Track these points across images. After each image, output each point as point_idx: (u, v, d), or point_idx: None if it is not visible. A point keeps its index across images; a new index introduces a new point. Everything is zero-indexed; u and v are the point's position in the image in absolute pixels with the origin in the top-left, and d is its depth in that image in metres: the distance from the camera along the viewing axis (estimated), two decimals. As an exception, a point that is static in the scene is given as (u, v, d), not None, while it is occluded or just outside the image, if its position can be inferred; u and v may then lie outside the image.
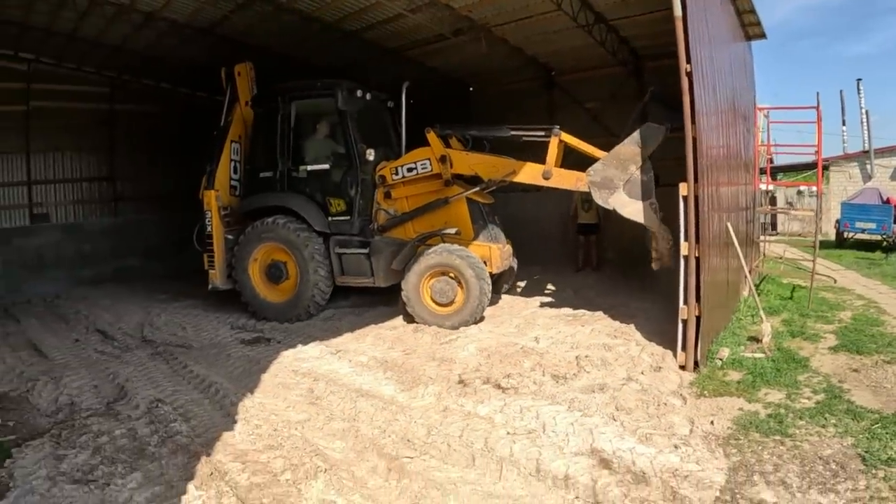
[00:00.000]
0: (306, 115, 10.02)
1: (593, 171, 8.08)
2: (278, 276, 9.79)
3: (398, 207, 9.80)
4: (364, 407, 5.74)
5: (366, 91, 9.97)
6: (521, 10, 10.52)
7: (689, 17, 6.61)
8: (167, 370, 7.25)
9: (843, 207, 20.64)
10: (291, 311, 9.57)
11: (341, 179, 9.69)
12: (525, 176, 8.87)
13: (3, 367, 7.33)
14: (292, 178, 9.92)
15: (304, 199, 9.80)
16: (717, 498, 4.18)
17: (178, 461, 4.69)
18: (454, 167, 9.24)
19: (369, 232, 9.65)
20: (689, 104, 6.62)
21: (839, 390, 6.11)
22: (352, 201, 9.61)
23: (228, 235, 10.15)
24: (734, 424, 5.34)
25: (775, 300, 10.42)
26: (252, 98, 10.71)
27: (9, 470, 4.57)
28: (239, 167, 10.66)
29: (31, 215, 13.72)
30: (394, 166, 9.60)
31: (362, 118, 9.94)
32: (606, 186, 7.99)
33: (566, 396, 5.83)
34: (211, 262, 10.17)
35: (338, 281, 9.66)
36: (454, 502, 4.11)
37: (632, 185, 7.90)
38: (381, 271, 9.31)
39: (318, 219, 9.66)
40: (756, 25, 11.84)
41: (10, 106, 13.05)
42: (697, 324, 6.75)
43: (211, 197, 10.10)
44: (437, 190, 9.49)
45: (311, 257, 9.46)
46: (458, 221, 9.46)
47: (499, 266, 9.36)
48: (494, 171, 9.05)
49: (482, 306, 8.76)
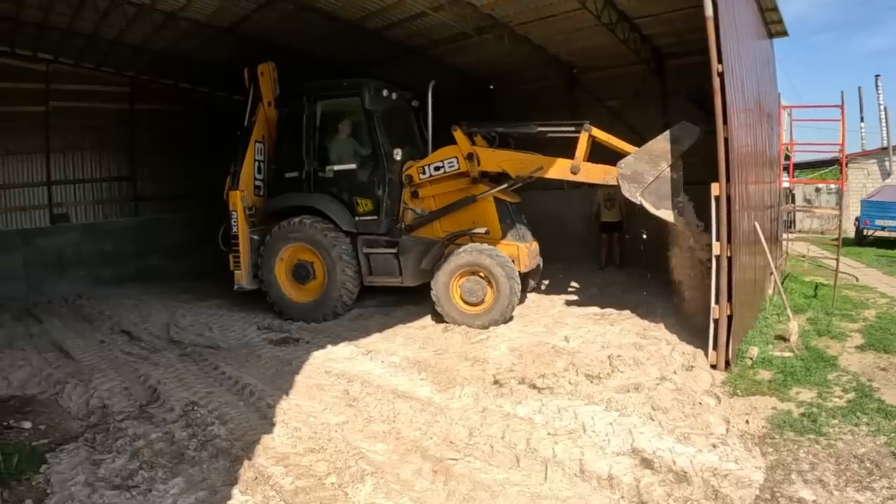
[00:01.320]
0: (332, 115, 10.03)
1: (624, 164, 8.04)
2: (305, 276, 9.81)
3: (425, 206, 9.77)
4: (402, 408, 5.75)
5: (392, 90, 9.99)
6: (544, 8, 10.50)
7: (720, 17, 6.60)
8: (198, 371, 7.26)
9: (863, 205, 20.42)
10: (318, 312, 9.59)
11: (368, 179, 9.71)
12: (553, 171, 8.85)
13: (29, 369, 7.31)
14: (318, 178, 9.93)
15: (330, 198, 9.82)
16: (758, 496, 4.21)
17: (220, 465, 4.69)
18: (481, 165, 9.23)
19: (396, 232, 9.64)
20: (721, 104, 6.60)
21: (869, 389, 6.13)
22: (379, 201, 9.63)
23: (254, 236, 10.18)
24: (769, 423, 5.38)
25: (799, 298, 10.37)
26: (276, 98, 10.72)
27: (45, 476, 4.53)
28: (263, 167, 10.67)
29: (52, 215, 13.83)
30: (421, 165, 9.59)
31: (388, 117, 9.97)
32: (636, 180, 7.94)
33: (602, 396, 5.85)
34: (237, 263, 10.19)
35: (366, 281, 9.69)
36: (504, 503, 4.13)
37: (661, 181, 7.85)
38: (409, 271, 9.36)
39: (345, 219, 9.68)
40: (778, 23, 11.80)
41: (29, 106, 13.19)
42: (729, 323, 6.75)
43: (236, 197, 10.13)
44: (464, 188, 9.48)
45: (338, 257, 9.47)
46: (486, 220, 9.44)
47: (526, 265, 9.36)
48: (522, 167, 9.04)
49: (512, 305, 8.77)
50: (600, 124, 13.52)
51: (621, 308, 9.14)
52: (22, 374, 7.11)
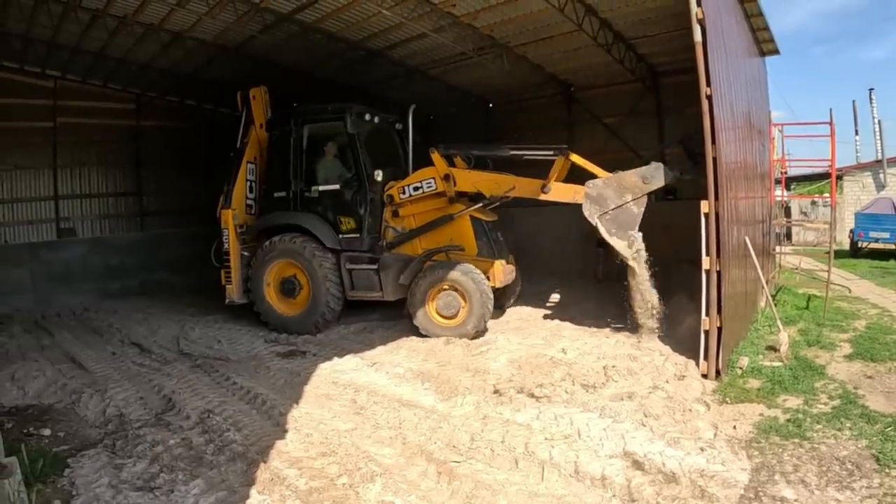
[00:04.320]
0: (317, 138, 10.47)
1: (592, 185, 8.38)
2: (292, 290, 10.22)
3: (406, 225, 10.19)
4: (407, 416, 6.00)
5: (374, 114, 10.43)
6: (542, 29, 10.90)
7: (708, 42, 6.88)
8: (210, 382, 7.50)
9: (857, 217, 20.68)
10: (304, 324, 9.99)
11: (351, 199, 10.09)
12: (525, 191, 9.24)
13: (44, 379, 7.51)
14: (305, 197, 10.36)
15: (315, 217, 10.25)
16: (742, 496, 4.43)
17: (237, 468, 4.93)
18: (457, 185, 9.62)
19: (378, 249, 10.06)
20: (710, 125, 6.88)
21: (854, 396, 6.32)
22: (361, 220, 10.05)
23: (245, 252, 10.62)
24: (755, 429, 5.59)
25: (791, 310, 10.56)
26: (267, 121, 11.16)
27: (70, 479, 4.71)
28: (255, 187, 11.13)
29: (59, 229, 14.14)
30: (401, 186, 9.99)
31: (371, 140, 10.39)
32: (599, 203, 8.29)
33: (597, 404, 6.08)
34: (228, 278, 10.62)
35: (348, 295, 10.08)
36: (504, 501, 4.38)
37: (622, 212, 8.23)
38: (389, 286, 9.76)
39: (329, 236, 10.11)
40: (770, 42, 12.11)
41: (37, 122, 13.53)
42: (719, 334, 6.98)
43: (228, 216, 10.57)
44: (441, 207, 9.88)
45: (322, 273, 9.88)
46: (463, 238, 9.82)
47: (501, 280, 9.65)
48: (496, 187, 9.46)
49: (485, 319, 9.14)
50: (597, 141, 14.01)
51: (618, 321, 9.31)
52: (37, 384, 7.33)
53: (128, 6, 9.99)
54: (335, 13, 10.38)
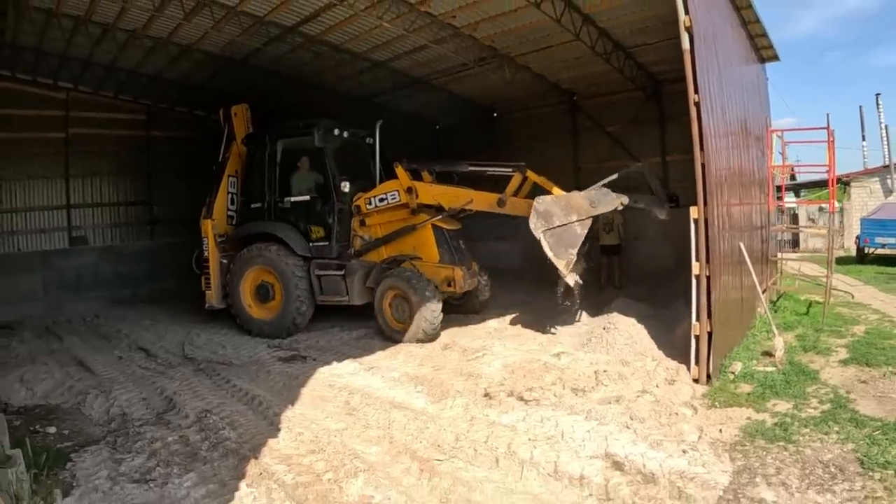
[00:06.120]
0: (290, 152, 11.06)
1: (541, 201, 8.83)
2: (266, 295, 10.75)
3: (372, 234, 10.84)
4: (397, 417, 6.16)
5: (343, 129, 10.86)
6: (541, 39, 11.07)
7: (696, 50, 7.01)
8: (211, 384, 7.73)
9: (863, 223, 20.48)
10: (277, 327, 10.48)
11: (320, 209, 10.74)
12: (482, 204, 9.85)
13: (52, 381, 7.84)
14: (278, 208, 10.98)
15: (288, 226, 10.88)
16: (721, 497, 4.46)
17: (229, 463, 5.16)
18: (420, 197, 10.20)
19: (346, 256, 10.62)
20: (698, 132, 6.99)
21: (845, 400, 6.30)
22: (330, 228, 10.65)
23: (223, 260, 11.23)
24: (741, 432, 5.61)
25: (791, 316, 10.57)
26: (245, 136, 11.69)
27: (71, 471, 5.02)
28: (235, 199, 11.74)
29: (70, 238, 14.45)
30: (367, 197, 10.59)
31: (340, 154, 10.95)
32: (545, 219, 8.72)
33: (584, 407, 6.16)
34: (207, 284, 11.24)
35: (318, 300, 10.60)
36: (479, 497, 4.51)
37: (566, 230, 8.64)
38: (354, 291, 10.39)
39: (300, 244, 10.74)
40: (769, 49, 12.20)
41: (50, 133, 13.84)
42: (709, 339, 7.04)
43: (207, 226, 11.30)
44: (405, 218, 10.37)
45: (293, 279, 10.37)
46: (425, 246, 10.42)
47: (461, 286, 10.21)
48: (455, 200, 10.10)
49: (432, 324, 9.52)
50: (601, 149, 14.15)
51: (615, 326, 9.23)
52: (46, 385, 7.67)
53: (137, 21, 10.29)
54: (338, 26, 10.65)
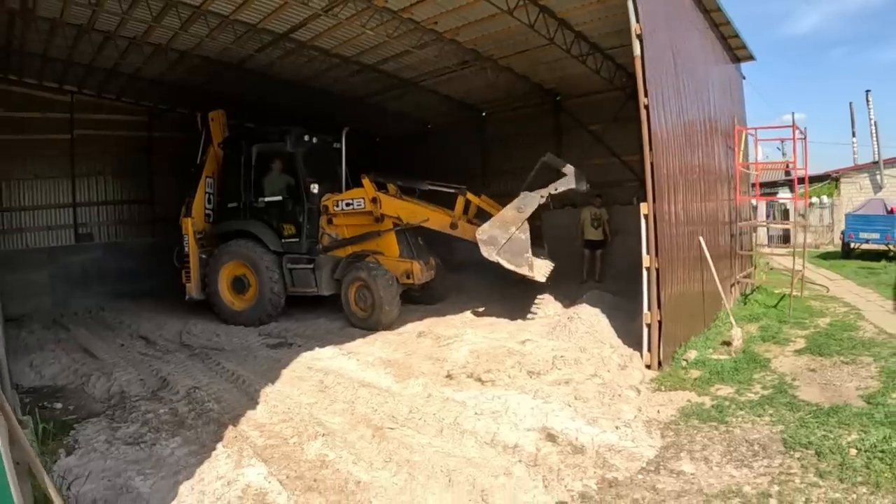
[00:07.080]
0: (264, 156, 11.86)
1: (481, 231, 9.64)
2: (242, 287, 11.62)
3: (339, 232, 11.85)
4: (363, 394, 6.82)
5: (313, 135, 11.73)
6: (519, 43, 11.55)
7: (646, 57, 7.65)
8: (203, 367, 8.46)
9: (848, 219, 20.84)
10: (252, 317, 11.38)
11: (292, 209, 11.73)
12: (437, 224, 10.92)
13: (59, 365, 8.62)
14: (253, 207, 11.88)
15: (262, 224, 11.84)
16: (643, 468, 4.90)
17: (210, 429, 5.91)
18: (382, 208, 11.19)
19: (315, 251, 11.48)
20: (647, 133, 7.58)
21: (788, 386, 6.68)
22: (300, 226, 11.62)
23: (203, 255, 12.08)
24: (678, 413, 6.06)
25: (759, 308, 10.92)
26: (223, 140, 12.59)
27: (73, 437, 5.79)
28: (213, 198, 12.61)
29: (77, 235, 15.10)
30: (336, 199, 11.49)
31: (310, 158, 11.84)
32: (491, 243, 9.53)
33: (534, 387, 6.67)
34: (188, 277, 12.08)
35: (289, 291, 11.53)
36: (419, 458, 5.09)
37: (513, 242, 9.43)
38: (323, 282, 11.37)
39: (273, 240, 11.70)
40: (742, 48, 12.62)
41: (56, 134, 14.45)
42: (660, 328, 7.57)
43: (187, 223, 12.17)
44: (370, 223, 11.51)
45: (266, 272, 11.24)
46: (387, 243, 11.49)
47: (419, 278, 11.36)
48: (412, 216, 11.12)
49: (391, 312, 10.53)
50: (583, 147, 14.59)
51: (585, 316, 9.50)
52: (53, 369, 8.45)
53: (136, 29, 10.87)
54: (326, 32, 11.20)
